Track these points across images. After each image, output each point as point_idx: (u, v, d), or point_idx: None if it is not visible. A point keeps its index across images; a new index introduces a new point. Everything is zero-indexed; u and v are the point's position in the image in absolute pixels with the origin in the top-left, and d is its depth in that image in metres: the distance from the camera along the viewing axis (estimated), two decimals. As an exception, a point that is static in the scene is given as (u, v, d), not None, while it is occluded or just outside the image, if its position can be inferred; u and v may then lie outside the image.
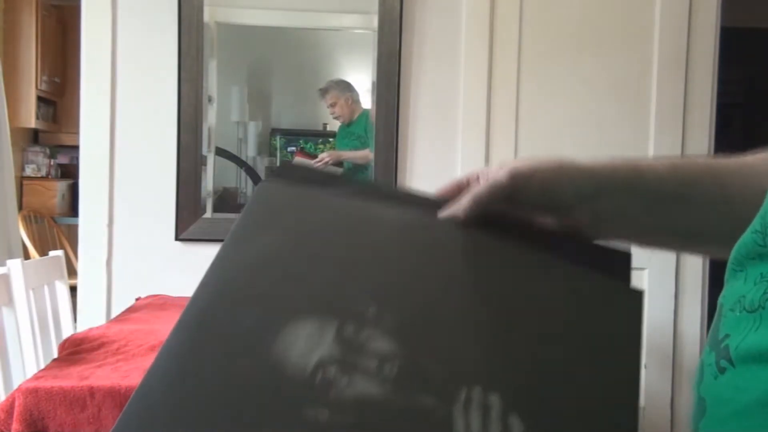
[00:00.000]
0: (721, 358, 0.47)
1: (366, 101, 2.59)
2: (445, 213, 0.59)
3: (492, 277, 0.56)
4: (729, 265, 0.52)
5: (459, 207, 0.59)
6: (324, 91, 2.60)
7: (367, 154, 2.54)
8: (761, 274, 0.47)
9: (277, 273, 0.52)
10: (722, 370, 0.47)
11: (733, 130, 3.92)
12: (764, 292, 0.46)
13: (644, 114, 2.56)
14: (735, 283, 0.50)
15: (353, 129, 2.63)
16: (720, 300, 0.52)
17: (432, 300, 0.52)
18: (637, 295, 0.55)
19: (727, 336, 0.48)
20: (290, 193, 0.59)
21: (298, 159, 2.60)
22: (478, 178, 0.61)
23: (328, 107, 2.61)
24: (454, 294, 0.54)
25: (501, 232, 0.58)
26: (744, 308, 0.47)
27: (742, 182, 0.60)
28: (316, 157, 2.64)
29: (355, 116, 2.62)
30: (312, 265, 0.53)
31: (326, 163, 2.62)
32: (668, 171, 0.62)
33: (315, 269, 0.53)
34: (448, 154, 2.52)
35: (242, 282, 0.51)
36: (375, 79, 2.49)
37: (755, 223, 0.50)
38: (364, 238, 0.57)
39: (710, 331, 0.51)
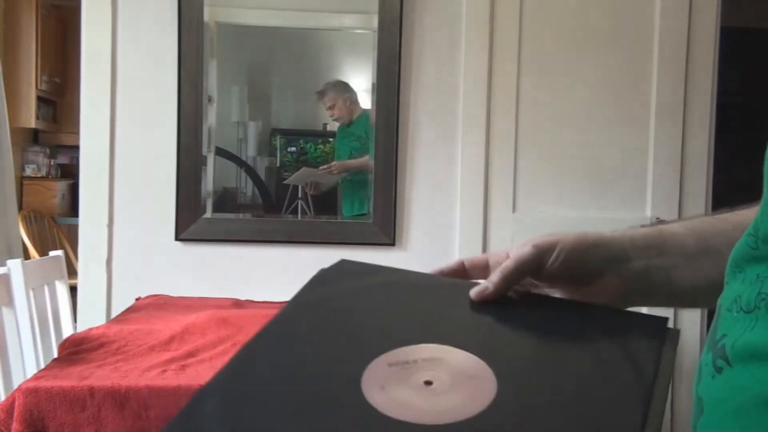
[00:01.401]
0: (718, 357, 0.48)
1: (365, 101, 2.58)
2: (475, 290, 0.59)
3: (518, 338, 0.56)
4: (728, 268, 0.52)
5: (488, 282, 0.59)
6: (321, 94, 2.59)
7: (367, 161, 2.53)
8: (757, 275, 0.48)
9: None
10: (719, 370, 0.47)
11: (733, 130, 3.92)
12: (759, 293, 0.46)
13: (644, 114, 2.56)
14: (734, 284, 0.50)
15: (353, 129, 2.63)
16: (719, 301, 0.52)
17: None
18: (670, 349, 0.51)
19: (724, 336, 0.48)
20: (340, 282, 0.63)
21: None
22: (507, 255, 0.61)
23: (326, 109, 2.60)
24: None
25: (528, 303, 0.59)
26: (740, 308, 0.48)
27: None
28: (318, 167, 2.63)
29: (355, 116, 2.62)
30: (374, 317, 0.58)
31: (332, 171, 2.61)
32: (687, 227, 0.61)
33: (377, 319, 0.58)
34: (449, 154, 2.52)
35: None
36: (375, 80, 2.49)
37: (750, 227, 0.50)
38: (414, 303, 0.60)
39: (709, 332, 0.52)
